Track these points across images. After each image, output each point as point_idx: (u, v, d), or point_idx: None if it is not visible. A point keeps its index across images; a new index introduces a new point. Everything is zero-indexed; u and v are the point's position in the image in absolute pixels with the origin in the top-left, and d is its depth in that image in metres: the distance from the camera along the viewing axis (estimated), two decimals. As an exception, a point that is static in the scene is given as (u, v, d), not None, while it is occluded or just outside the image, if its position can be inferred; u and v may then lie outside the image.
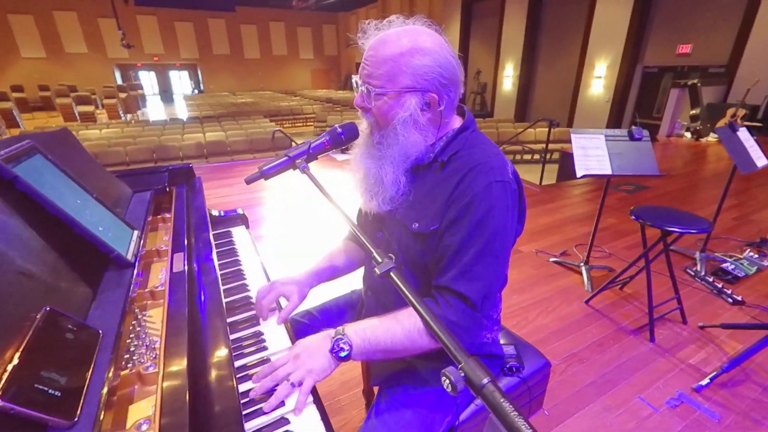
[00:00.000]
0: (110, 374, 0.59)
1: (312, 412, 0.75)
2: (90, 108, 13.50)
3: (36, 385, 0.49)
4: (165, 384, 0.61)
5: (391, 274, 0.57)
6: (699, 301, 2.44)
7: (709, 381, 1.79)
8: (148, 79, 23.60)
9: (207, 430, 0.60)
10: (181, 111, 16.56)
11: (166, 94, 24.06)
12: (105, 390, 0.56)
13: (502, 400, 0.34)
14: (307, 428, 0.72)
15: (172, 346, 0.69)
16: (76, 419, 0.51)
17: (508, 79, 12.76)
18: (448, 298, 0.81)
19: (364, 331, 0.83)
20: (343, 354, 0.80)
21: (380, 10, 19.59)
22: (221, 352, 0.76)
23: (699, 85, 7.31)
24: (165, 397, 0.58)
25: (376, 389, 1.06)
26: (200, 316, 0.82)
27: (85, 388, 0.55)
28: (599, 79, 9.95)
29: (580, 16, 10.10)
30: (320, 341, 0.83)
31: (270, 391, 0.76)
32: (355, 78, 0.87)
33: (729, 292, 2.46)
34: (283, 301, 1.03)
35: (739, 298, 2.41)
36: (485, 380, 0.36)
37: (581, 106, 10.60)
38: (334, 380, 1.83)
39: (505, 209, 0.81)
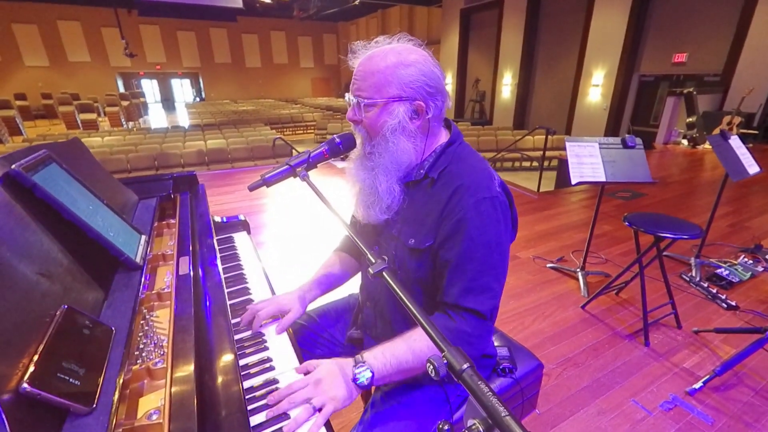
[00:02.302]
0: (123, 367, 0.63)
1: None
2: (92, 116, 13.64)
3: (58, 375, 0.53)
4: (173, 378, 0.65)
5: (384, 273, 0.61)
6: (693, 306, 2.47)
7: (702, 384, 1.82)
8: (150, 87, 23.85)
9: (213, 424, 0.64)
10: (183, 119, 16.69)
11: (168, 102, 24.29)
12: (120, 381, 0.60)
13: (479, 383, 0.38)
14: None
15: (179, 343, 0.73)
16: (94, 406, 0.56)
17: (507, 87, 12.88)
18: (462, 314, 0.86)
19: (384, 355, 0.85)
20: (365, 381, 0.82)
21: (380, 20, 19.83)
22: (225, 350, 0.80)
23: (695, 93, 7.40)
24: (174, 390, 0.62)
25: (372, 389, 1.09)
26: (205, 316, 0.87)
27: (102, 378, 0.59)
28: (596, 88, 10.06)
29: (577, 26, 10.25)
30: (342, 368, 0.84)
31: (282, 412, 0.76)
32: (348, 95, 0.93)
33: (723, 297, 2.49)
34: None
35: (733, 303, 2.44)
36: (465, 366, 0.41)
37: (579, 113, 10.70)
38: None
39: (496, 223, 0.85)
